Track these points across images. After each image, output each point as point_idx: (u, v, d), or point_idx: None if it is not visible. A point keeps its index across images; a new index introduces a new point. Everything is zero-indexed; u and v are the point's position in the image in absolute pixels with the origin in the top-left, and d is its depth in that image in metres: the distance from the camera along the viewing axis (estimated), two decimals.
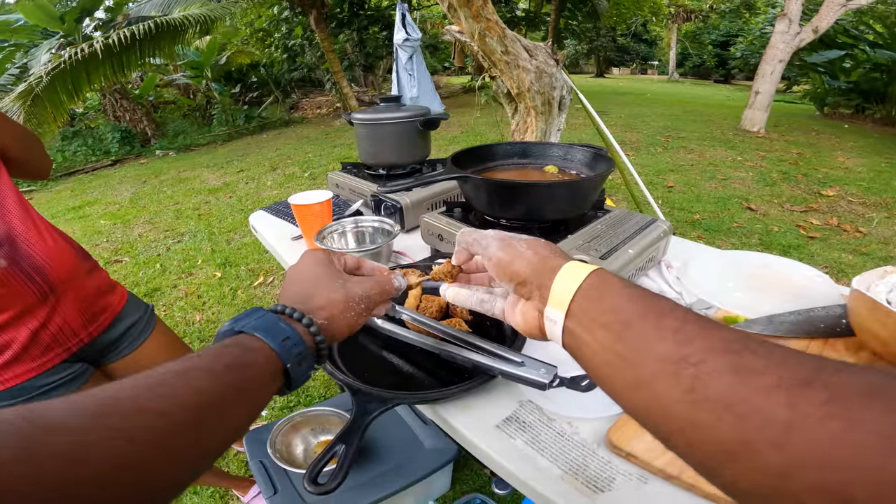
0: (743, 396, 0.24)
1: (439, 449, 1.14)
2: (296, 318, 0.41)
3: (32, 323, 0.84)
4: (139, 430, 0.27)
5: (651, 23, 22.41)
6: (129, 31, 5.83)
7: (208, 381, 0.32)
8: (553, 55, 2.39)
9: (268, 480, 1.07)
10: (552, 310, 0.37)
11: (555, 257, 0.40)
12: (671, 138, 6.23)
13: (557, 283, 0.37)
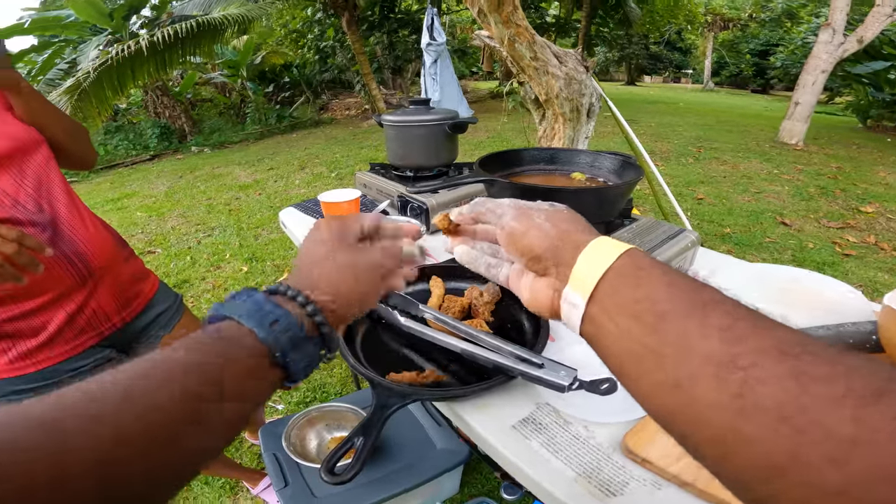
0: (802, 407, 0.21)
1: (451, 450, 1.14)
2: (290, 296, 0.36)
3: (70, 306, 0.88)
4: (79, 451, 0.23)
5: (686, 31, 21.95)
6: (172, 30, 6.07)
7: (179, 384, 0.28)
8: (583, 62, 2.37)
9: (279, 473, 1.08)
10: (573, 292, 0.33)
11: (579, 232, 0.35)
12: (703, 149, 6.09)
13: (582, 262, 0.33)
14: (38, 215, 0.83)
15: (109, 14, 7.04)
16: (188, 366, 0.29)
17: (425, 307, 0.69)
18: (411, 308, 0.70)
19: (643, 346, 0.28)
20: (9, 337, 0.84)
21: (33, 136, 0.87)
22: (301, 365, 0.35)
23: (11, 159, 0.82)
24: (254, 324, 0.33)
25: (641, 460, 0.51)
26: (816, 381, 0.22)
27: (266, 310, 0.34)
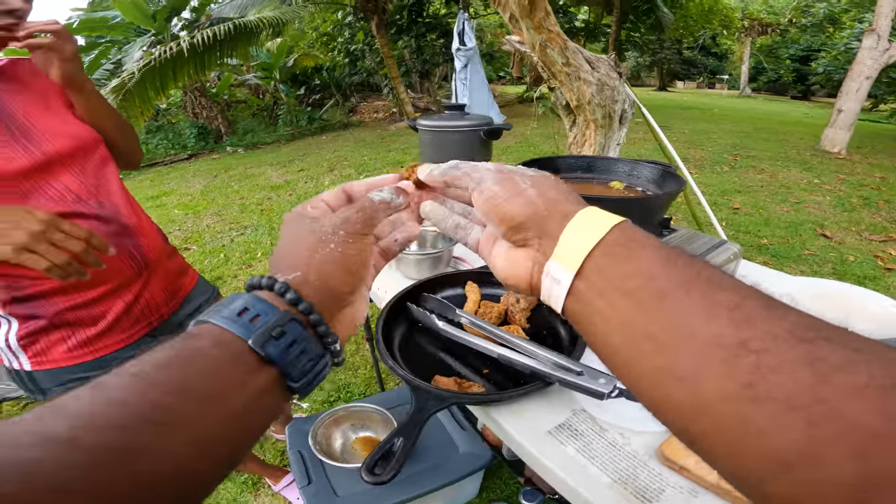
0: (820, 397, 0.20)
1: (474, 454, 1.15)
2: (263, 284, 0.31)
3: (127, 296, 0.92)
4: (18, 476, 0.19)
5: (721, 36, 21.39)
6: (210, 32, 6.29)
7: (129, 391, 0.23)
8: (616, 68, 2.35)
9: (304, 471, 1.10)
10: (558, 266, 0.30)
11: (567, 202, 0.32)
12: (739, 157, 5.91)
13: (569, 233, 0.30)
14: (100, 210, 0.87)
15: (153, 15, 7.30)
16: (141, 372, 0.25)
17: (462, 311, 0.70)
18: (448, 312, 0.71)
19: (639, 328, 0.26)
20: (69, 325, 0.87)
21: (93, 135, 0.92)
22: (293, 357, 0.29)
23: (73, 157, 0.87)
24: (215, 317, 0.28)
25: (679, 468, 0.51)
26: (836, 370, 0.20)
27: (232, 302, 0.29)
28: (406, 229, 0.39)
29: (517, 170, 0.35)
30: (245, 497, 1.54)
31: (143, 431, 0.22)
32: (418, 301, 0.77)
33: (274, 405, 0.29)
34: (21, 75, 0.87)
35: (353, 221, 0.34)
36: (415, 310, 0.75)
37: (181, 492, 0.24)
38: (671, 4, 12.87)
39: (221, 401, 0.25)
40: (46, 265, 0.68)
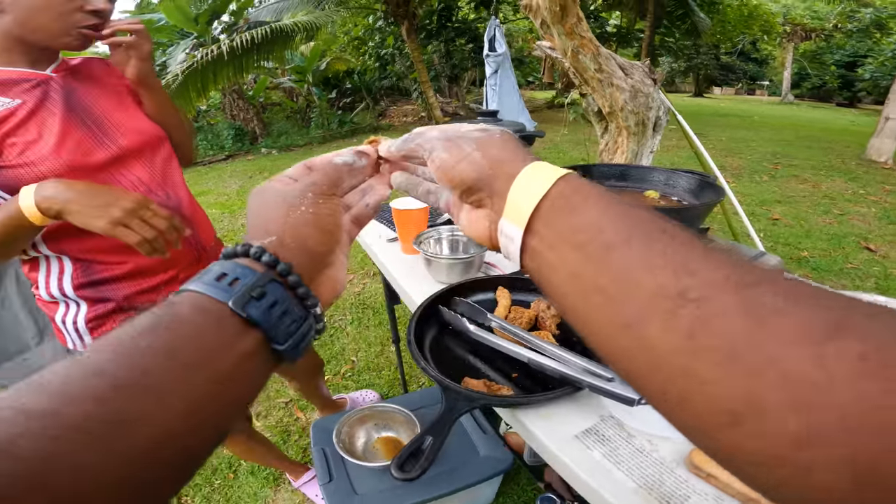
0: (757, 344, 0.19)
1: (494, 458, 1.15)
2: (239, 251, 0.31)
3: (177, 285, 0.99)
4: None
5: (762, 41, 20.68)
6: (249, 35, 6.52)
7: (107, 360, 0.22)
8: (650, 74, 2.32)
9: (325, 468, 1.12)
10: (509, 224, 0.30)
11: (513, 160, 0.32)
12: (780, 165, 5.70)
13: (516, 190, 0.30)
14: (168, 201, 0.94)
15: (195, 18, 7.55)
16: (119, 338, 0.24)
17: (493, 316, 0.71)
18: (479, 316, 0.73)
19: (588, 280, 0.26)
20: (135, 309, 0.93)
21: (159, 131, 0.99)
22: (274, 316, 0.28)
23: (143, 152, 0.93)
24: (195, 284, 0.27)
25: (706, 475, 0.51)
26: (773, 315, 0.20)
27: (210, 270, 0.29)
28: (376, 193, 0.40)
29: (463, 133, 0.35)
30: (265, 492, 1.58)
31: (123, 401, 0.21)
32: (449, 304, 0.78)
33: (260, 370, 0.28)
34: (95, 73, 0.93)
35: (320, 183, 0.35)
36: (446, 313, 0.76)
37: (170, 463, 0.23)
38: (708, 9, 12.55)
39: (205, 366, 0.25)
40: (137, 239, 0.74)
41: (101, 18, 0.82)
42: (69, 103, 0.84)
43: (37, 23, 0.77)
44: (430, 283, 0.97)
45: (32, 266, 0.89)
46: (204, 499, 1.57)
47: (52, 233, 0.82)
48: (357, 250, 3.39)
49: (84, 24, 0.79)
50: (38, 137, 0.79)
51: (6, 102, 0.78)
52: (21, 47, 0.80)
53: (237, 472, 1.66)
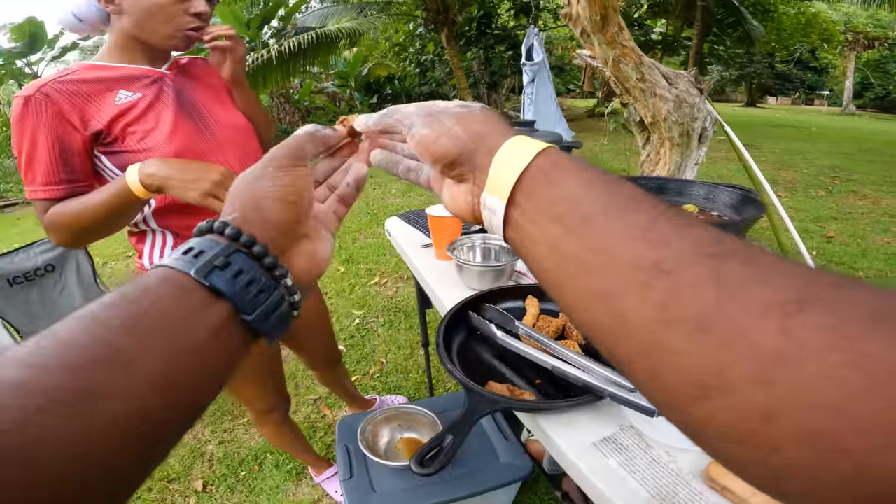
0: (726, 316, 0.19)
1: (514, 465, 1.14)
2: (204, 228, 0.31)
3: None
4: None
5: (821, 50, 19.59)
6: (296, 41, 6.79)
7: (77, 331, 0.23)
8: (697, 84, 2.26)
9: (347, 464, 1.14)
10: (491, 197, 0.31)
11: (494, 134, 0.32)
12: (838, 180, 5.37)
13: (497, 164, 0.31)
14: None
15: (247, 23, 7.94)
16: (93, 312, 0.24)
17: (520, 323, 0.72)
18: (507, 323, 0.74)
19: (567, 252, 0.26)
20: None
21: (249, 126, 1.09)
22: (241, 286, 0.28)
23: (237, 143, 1.03)
24: (166, 260, 0.28)
25: (721, 488, 0.51)
26: (741, 286, 0.20)
27: (179, 248, 0.29)
28: (355, 171, 0.41)
29: (444, 108, 0.35)
30: (287, 485, 1.63)
31: (93, 370, 0.21)
32: (479, 311, 0.80)
33: (234, 342, 0.29)
34: (199, 72, 1.04)
35: (279, 157, 0.35)
36: (475, 318, 0.78)
37: (145, 436, 0.23)
38: (761, 17, 12.04)
39: (173, 337, 0.25)
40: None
41: (203, 21, 0.92)
42: (179, 98, 0.96)
43: (150, 25, 0.88)
44: (461, 288, 0.99)
45: (140, 238, 1.00)
46: (228, 489, 1.64)
47: (160, 210, 0.94)
48: (392, 255, 3.46)
49: (188, 27, 0.90)
50: (154, 127, 0.90)
51: (129, 96, 0.89)
52: (139, 47, 0.92)
53: (262, 465, 1.72)
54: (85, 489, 0.20)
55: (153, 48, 0.93)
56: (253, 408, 1.30)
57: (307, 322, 1.33)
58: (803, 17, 13.89)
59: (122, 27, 0.89)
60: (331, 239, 0.38)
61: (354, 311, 2.77)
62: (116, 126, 0.87)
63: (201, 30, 0.92)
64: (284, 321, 0.32)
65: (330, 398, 2.03)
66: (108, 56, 0.92)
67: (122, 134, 0.88)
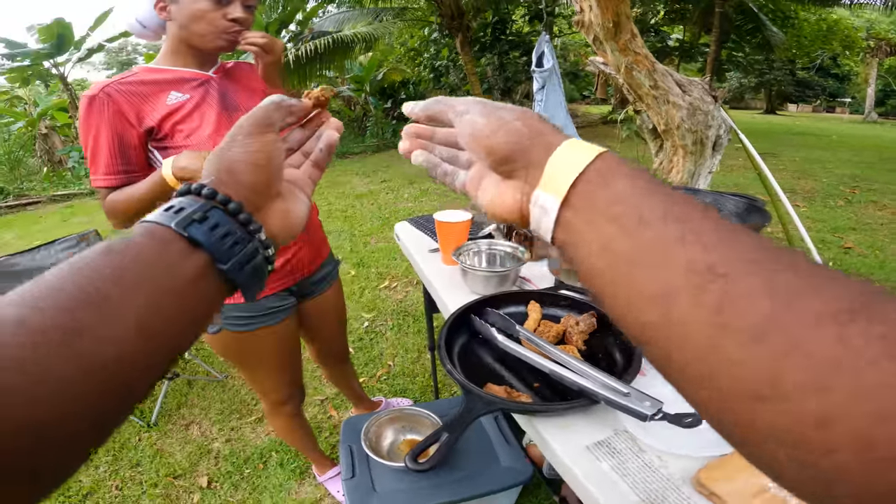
0: (780, 326, 0.20)
1: (515, 469, 1.14)
2: (181, 191, 0.33)
3: (288, 253, 1.13)
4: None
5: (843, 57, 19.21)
6: (313, 45, 6.88)
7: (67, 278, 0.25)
8: (711, 91, 2.24)
9: (350, 464, 1.15)
10: (545, 195, 0.31)
11: (552, 133, 0.33)
12: (858, 190, 5.26)
13: (554, 162, 0.31)
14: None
15: (265, 27, 8.04)
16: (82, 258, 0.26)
17: (522, 328, 0.73)
18: (509, 327, 0.75)
19: (620, 253, 0.26)
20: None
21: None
22: (216, 236, 0.30)
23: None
24: (151, 217, 0.30)
25: (709, 493, 0.51)
26: (795, 295, 0.20)
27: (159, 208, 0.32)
28: (326, 137, 0.44)
29: (500, 104, 0.35)
30: (290, 484, 1.65)
31: (82, 312, 0.23)
32: (481, 314, 0.81)
33: (211, 291, 0.30)
34: (243, 75, 1.12)
35: (248, 125, 0.37)
36: (477, 322, 0.79)
37: (129, 376, 0.25)
38: (781, 24, 11.86)
39: (155, 284, 0.27)
40: None
41: (242, 25, 0.99)
42: (223, 100, 1.04)
43: (194, 29, 0.96)
44: (466, 293, 1.00)
45: None
46: (232, 486, 1.67)
47: None
48: (403, 259, 3.49)
49: (227, 31, 0.98)
50: (198, 126, 0.98)
51: (179, 96, 0.98)
52: (189, 51, 1.00)
53: (267, 463, 1.75)
54: (79, 430, 0.22)
55: (201, 51, 1.00)
56: (268, 398, 1.34)
57: (325, 310, 1.37)
58: (824, 23, 13.65)
59: (173, 33, 0.99)
60: (306, 200, 0.41)
61: (364, 314, 2.79)
62: (167, 124, 0.96)
63: (239, 33, 0.99)
64: (259, 272, 0.34)
65: (336, 399, 2.05)
66: (164, 60, 1.01)
67: (172, 131, 0.96)
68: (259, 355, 1.21)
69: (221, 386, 2.21)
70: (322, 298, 1.33)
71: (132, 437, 1.93)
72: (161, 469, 1.76)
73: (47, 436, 0.21)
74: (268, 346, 1.20)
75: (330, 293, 1.36)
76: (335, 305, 1.41)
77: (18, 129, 8.55)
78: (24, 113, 9.15)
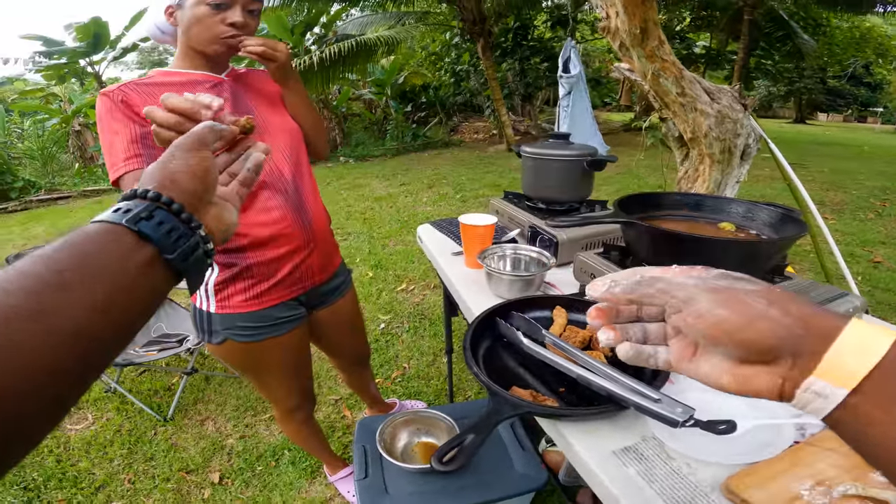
0: None
1: (529, 476, 1.13)
2: (128, 195, 0.37)
3: (296, 260, 1.11)
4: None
5: (876, 65, 18.62)
6: (336, 48, 6.94)
7: (32, 265, 0.29)
8: (741, 99, 2.20)
9: (363, 465, 1.16)
10: (825, 384, 0.29)
11: (824, 316, 0.31)
12: (889, 202, 5.09)
13: (839, 352, 0.29)
14: (293, 188, 1.09)
15: (290, 29, 8.09)
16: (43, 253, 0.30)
17: (547, 332, 0.73)
18: (534, 332, 0.75)
19: None
20: (252, 277, 1.08)
21: (297, 127, 1.16)
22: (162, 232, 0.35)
23: (284, 146, 1.10)
24: (103, 216, 0.35)
25: (741, 501, 0.50)
26: None
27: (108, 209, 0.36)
28: (254, 158, 0.51)
29: (737, 285, 0.34)
30: (301, 482, 1.66)
31: (45, 294, 0.27)
32: (506, 318, 0.81)
33: (158, 279, 0.35)
34: (255, 80, 1.14)
35: (187, 143, 0.43)
36: (502, 325, 0.79)
37: (87, 351, 0.29)
38: (813, 31, 11.57)
39: (110, 272, 0.31)
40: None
41: (242, 30, 0.99)
42: (235, 101, 1.05)
43: (193, 33, 0.98)
44: (489, 297, 1.00)
45: None
46: (244, 482, 1.69)
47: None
48: (421, 262, 3.50)
49: (225, 35, 0.98)
50: None
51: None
52: (197, 55, 1.02)
53: (279, 461, 1.76)
54: (43, 400, 0.26)
55: (208, 56, 1.02)
56: (279, 406, 1.34)
57: (340, 321, 1.36)
58: (857, 31, 13.28)
59: (180, 38, 1.01)
60: (234, 210, 0.47)
61: (381, 316, 2.81)
62: None
63: (238, 38, 0.99)
64: (200, 263, 0.39)
65: (350, 399, 2.06)
66: (177, 64, 1.04)
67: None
68: (266, 366, 1.20)
69: (238, 382, 2.24)
70: (335, 308, 1.32)
71: (148, 431, 1.96)
72: (174, 463, 1.78)
73: (18, 403, 0.25)
74: (275, 357, 1.19)
75: (342, 303, 1.34)
76: (350, 315, 1.40)
77: (53, 125, 8.83)
78: (59, 110, 9.45)
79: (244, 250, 1.05)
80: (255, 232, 1.04)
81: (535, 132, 10.46)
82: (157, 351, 2.08)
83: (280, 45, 1.05)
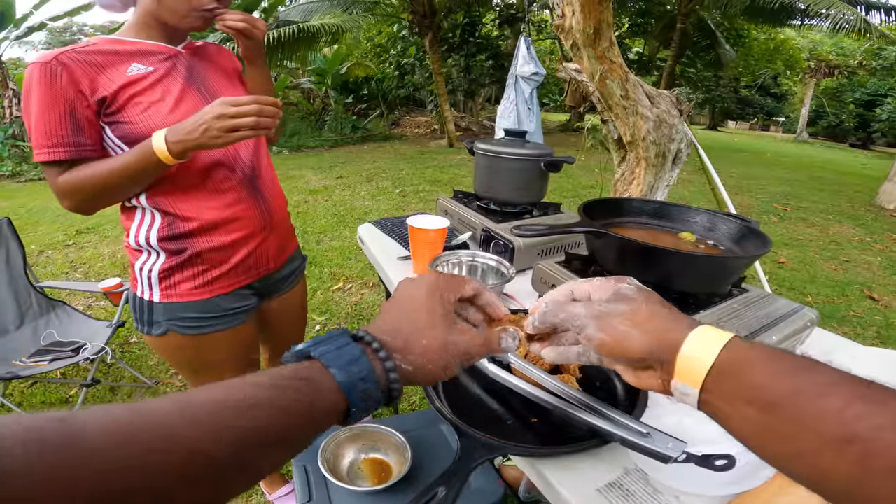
0: None
1: (483, 490, 1.09)
2: (381, 357, 0.37)
3: (251, 245, 1.05)
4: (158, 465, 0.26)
5: (784, 76, 20.78)
6: (276, 33, 6.53)
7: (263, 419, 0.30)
8: (678, 105, 2.29)
9: (305, 486, 1.07)
10: (683, 385, 0.36)
11: (672, 330, 0.38)
12: (790, 207, 5.68)
13: (684, 360, 0.36)
14: (249, 170, 1.04)
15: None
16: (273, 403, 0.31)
17: (513, 355, 0.66)
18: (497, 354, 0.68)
19: (761, 426, 0.32)
20: (202, 264, 1.01)
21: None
22: (360, 417, 0.36)
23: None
24: (343, 378, 0.34)
25: None
26: None
27: (357, 366, 0.35)
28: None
29: (610, 310, 0.41)
30: (235, 500, 1.51)
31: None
32: None
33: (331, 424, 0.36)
34: (212, 54, 1.08)
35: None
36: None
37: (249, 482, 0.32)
38: (734, 42, 12.65)
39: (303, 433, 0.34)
40: (246, 133, 0.84)
41: (220, 3, 0.95)
42: (190, 75, 0.99)
43: (168, 3, 0.91)
44: None
45: (129, 215, 0.99)
46: None
47: (152, 187, 0.95)
48: (359, 259, 3.35)
49: (204, 7, 0.93)
50: (160, 99, 0.92)
51: (142, 68, 0.92)
52: (159, 26, 0.95)
53: None
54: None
55: (172, 28, 0.96)
56: None
57: (288, 311, 1.29)
58: (772, 42, 14.62)
59: (145, 6, 0.93)
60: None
61: (315, 317, 2.64)
62: (122, 95, 0.89)
63: (216, 10, 0.95)
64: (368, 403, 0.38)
65: None
66: (128, 32, 0.95)
67: (126, 103, 0.89)
68: (211, 362, 1.10)
69: (151, 393, 2.01)
70: (286, 297, 1.24)
71: None
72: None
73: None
74: (222, 352, 1.09)
75: (293, 293, 1.27)
76: (298, 306, 1.32)
77: None
78: None
79: (194, 234, 0.98)
80: (207, 215, 0.98)
81: (475, 129, 10.53)
82: (47, 361, 1.79)
83: (259, 21, 1.00)
